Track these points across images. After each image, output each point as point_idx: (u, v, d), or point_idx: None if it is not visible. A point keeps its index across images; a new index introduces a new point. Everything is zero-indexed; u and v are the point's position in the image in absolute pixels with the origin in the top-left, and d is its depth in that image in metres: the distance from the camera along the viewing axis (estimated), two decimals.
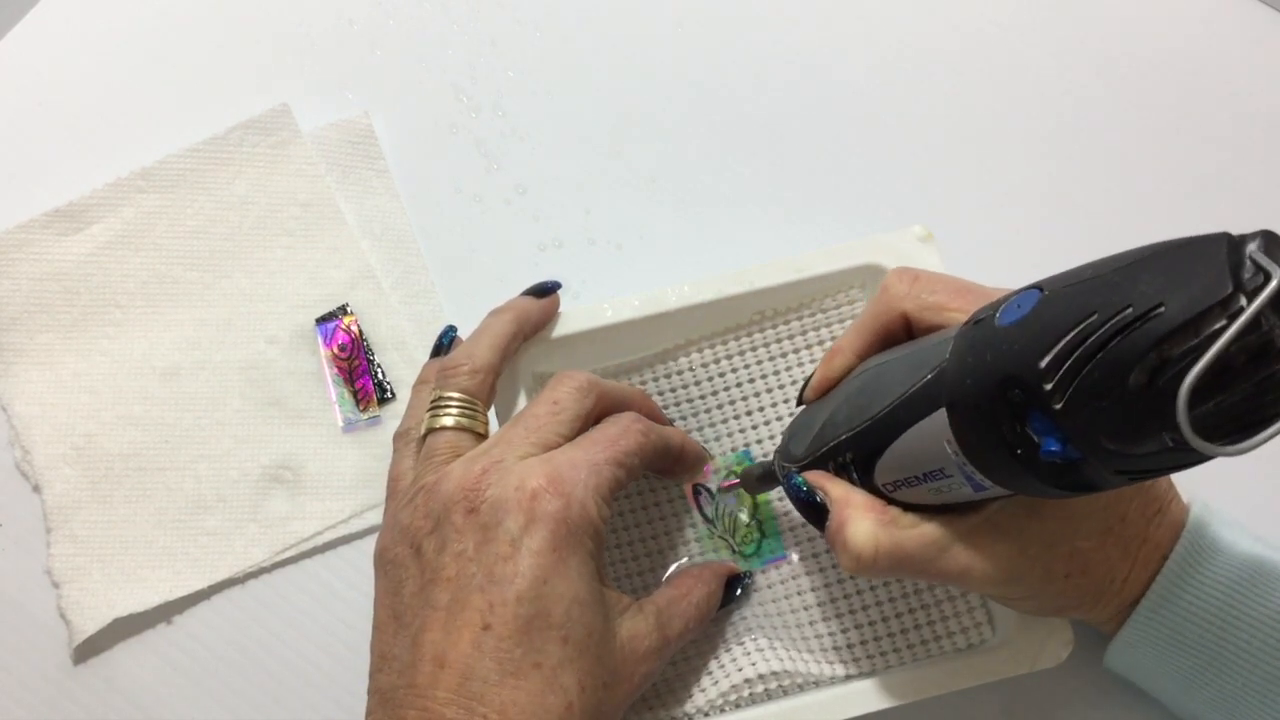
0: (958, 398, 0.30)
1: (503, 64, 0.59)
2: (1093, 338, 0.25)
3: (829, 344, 0.47)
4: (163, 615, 0.48)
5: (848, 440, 0.36)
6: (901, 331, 0.38)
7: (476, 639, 0.33)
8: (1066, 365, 0.26)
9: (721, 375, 0.47)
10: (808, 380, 0.40)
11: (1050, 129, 0.57)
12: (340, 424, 0.51)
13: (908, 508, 0.35)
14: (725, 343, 0.47)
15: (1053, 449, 0.27)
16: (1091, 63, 0.58)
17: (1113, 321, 0.25)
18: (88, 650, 0.48)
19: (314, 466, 0.51)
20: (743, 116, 0.57)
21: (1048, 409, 0.26)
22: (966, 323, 0.31)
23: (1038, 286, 0.29)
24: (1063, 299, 0.27)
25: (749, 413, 0.47)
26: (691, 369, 0.47)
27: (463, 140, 0.57)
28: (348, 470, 0.51)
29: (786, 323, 0.47)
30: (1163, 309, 0.24)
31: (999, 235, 0.55)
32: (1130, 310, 0.25)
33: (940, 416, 0.31)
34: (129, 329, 0.53)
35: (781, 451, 0.41)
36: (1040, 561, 0.35)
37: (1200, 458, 0.26)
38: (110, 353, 0.52)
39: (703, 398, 0.47)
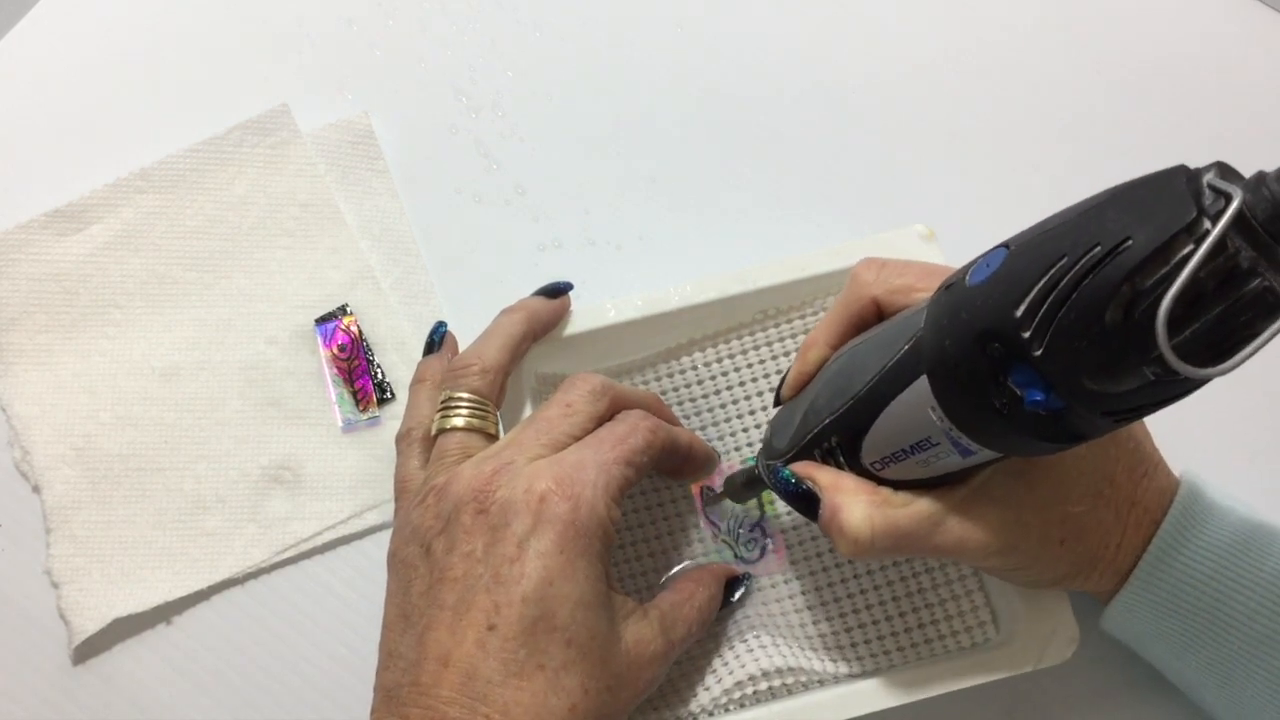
0: (937, 362, 0.30)
1: (503, 64, 0.59)
2: (1065, 279, 0.26)
3: None
4: (162, 615, 0.48)
5: (831, 424, 0.36)
6: (873, 319, 0.38)
7: (481, 639, 0.33)
8: (1042, 310, 0.26)
9: (725, 374, 0.47)
10: (783, 379, 0.41)
11: (1051, 128, 0.57)
12: (340, 424, 0.51)
13: (898, 486, 0.36)
14: (728, 341, 0.47)
15: (1036, 399, 0.27)
16: (1092, 62, 0.58)
17: (1083, 261, 0.25)
18: (87, 650, 0.47)
19: (313, 467, 0.50)
20: (743, 116, 0.57)
21: (1028, 357, 0.26)
22: (938, 290, 0.31)
23: (1004, 245, 0.29)
24: (1031, 248, 0.27)
25: (752, 411, 0.47)
26: (695, 368, 0.47)
27: (463, 140, 0.57)
28: (347, 470, 0.51)
29: (789, 321, 0.47)
30: (1130, 241, 0.25)
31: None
32: (1099, 248, 0.25)
33: (922, 385, 0.31)
34: (128, 329, 0.53)
35: (765, 450, 0.40)
36: (1035, 528, 0.35)
37: (1182, 390, 0.26)
38: (110, 353, 0.52)
39: (705, 397, 0.47)
